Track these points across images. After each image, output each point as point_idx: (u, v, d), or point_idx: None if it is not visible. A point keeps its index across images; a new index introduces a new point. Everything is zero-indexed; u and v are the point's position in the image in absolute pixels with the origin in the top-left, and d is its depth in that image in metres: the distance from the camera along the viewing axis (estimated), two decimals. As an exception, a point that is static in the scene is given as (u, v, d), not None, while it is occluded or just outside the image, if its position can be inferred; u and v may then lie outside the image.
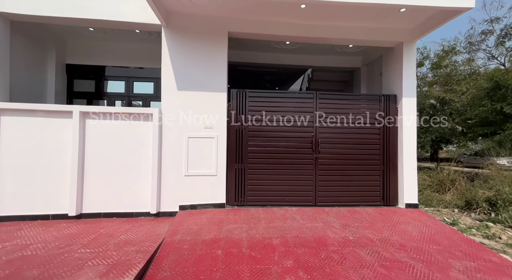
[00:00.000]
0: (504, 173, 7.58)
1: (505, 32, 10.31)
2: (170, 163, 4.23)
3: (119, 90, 5.67)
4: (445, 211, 5.83)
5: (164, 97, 4.26)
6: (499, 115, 10.39)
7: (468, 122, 11.79)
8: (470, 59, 12.19)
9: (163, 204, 4.19)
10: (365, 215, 4.22)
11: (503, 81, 9.51)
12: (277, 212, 4.28)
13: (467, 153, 10.56)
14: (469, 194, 6.29)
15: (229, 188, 4.53)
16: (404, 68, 4.62)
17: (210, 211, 4.25)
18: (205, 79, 4.37)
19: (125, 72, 5.57)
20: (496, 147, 9.54)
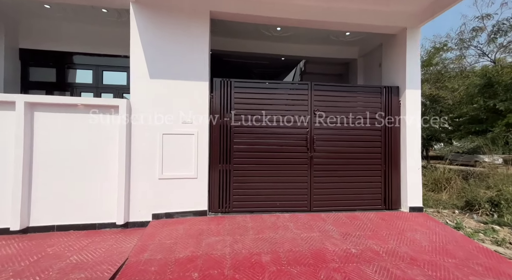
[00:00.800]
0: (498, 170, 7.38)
1: (497, 28, 10.18)
2: (141, 164, 3.58)
3: (86, 81, 4.94)
4: (445, 213, 5.46)
5: (133, 87, 3.59)
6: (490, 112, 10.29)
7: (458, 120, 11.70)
8: (462, 56, 12.08)
9: (133, 213, 3.54)
10: (366, 221, 3.74)
11: (496, 77, 9.37)
12: (267, 220, 3.72)
13: (460, 150, 10.40)
14: (469, 193, 5.98)
15: (212, 192, 3.93)
16: (408, 57, 4.16)
17: (189, 219, 3.64)
18: (183, 66, 3.73)
19: (93, 60, 4.84)
20: (490, 144, 9.41)
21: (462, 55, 12.20)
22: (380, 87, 4.32)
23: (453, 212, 5.56)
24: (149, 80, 3.63)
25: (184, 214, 3.69)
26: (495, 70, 9.54)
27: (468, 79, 11.64)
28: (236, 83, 4.02)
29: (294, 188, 4.10)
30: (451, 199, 6.63)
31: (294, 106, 4.16)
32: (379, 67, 5.16)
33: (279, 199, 4.06)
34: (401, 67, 4.30)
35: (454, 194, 6.95)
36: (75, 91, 4.82)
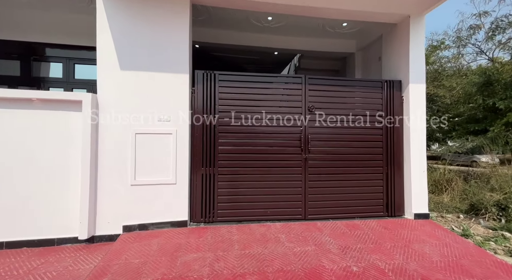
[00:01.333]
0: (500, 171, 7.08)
1: (495, 25, 9.94)
2: (110, 169, 3.10)
3: (55, 75, 4.43)
4: (449, 217, 5.09)
5: (100, 80, 3.12)
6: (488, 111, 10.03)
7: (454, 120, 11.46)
8: (459, 55, 11.84)
9: (100, 225, 3.06)
10: (368, 231, 3.32)
11: (496, 75, 9.11)
12: (256, 231, 3.27)
13: (458, 150, 10.12)
14: (474, 196, 5.63)
15: (193, 199, 3.46)
16: (411, 48, 3.77)
17: (166, 232, 3.17)
18: (160, 56, 3.27)
19: (64, 52, 4.34)
20: (489, 144, 9.14)
21: (460, 53, 11.98)
22: (381, 81, 3.92)
23: (458, 216, 5.19)
24: (120, 71, 3.15)
25: (160, 225, 3.22)
26: (495, 68, 9.28)
27: (466, 78, 11.39)
28: (221, 76, 3.57)
29: (287, 193, 3.66)
30: (453, 201, 6.29)
31: (286, 103, 3.73)
32: (379, 61, 4.78)
33: (270, 206, 3.62)
34: (403, 59, 3.91)
35: (455, 196, 6.61)
36: (43, 86, 4.31)
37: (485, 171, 8.30)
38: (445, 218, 5.02)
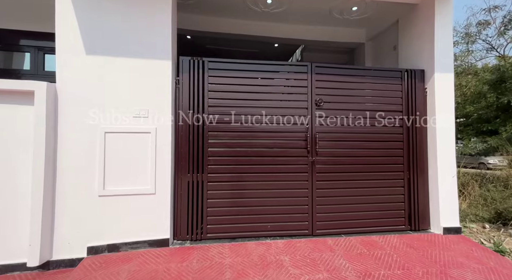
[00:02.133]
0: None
1: (508, 19, 9.39)
2: (72, 176, 2.50)
3: (22, 66, 3.85)
4: (474, 227, 4.46)
5: (60, 66, 2.53)
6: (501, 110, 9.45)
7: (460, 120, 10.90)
8: (468, 51, 11.29)
9: (58, 247, 2.45)
10: (389, 251, 2.71)
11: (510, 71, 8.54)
12: (253, 251, 2.67)
13: (471, 152, 9.55)
14: (499, 203, 5.04)
15: (177, 212, 2.86)
16: (437, 30, 3.18)
17: (141, 254, 2.55)
18: (136, 39, 2.69)
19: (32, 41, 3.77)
20: (505, 144, 8.55)
21: (468, 50, 11.43)
22: (400, 70, 3.34)
23: (483, 226, 4.57)
24: (85, 57, 2.57)
25: (135, 246, 2.61)
26: (510, 64, 8.71)
27: (476, 76, 10.83)
28: (212, 64, 2.98)
29: (291, 204, 3.06)
30: (472, 208, 5.66)
31: (289, 95, 3.14)
32: (394, 50, 4.20)
33: (271, 219, 3.02)
34: (427, 45, 3.32)
35: (473, 202, 5.99)
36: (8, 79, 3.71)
37: (501, 173, 7.69)
38: (469, 229, 4.40)
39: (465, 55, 11.73)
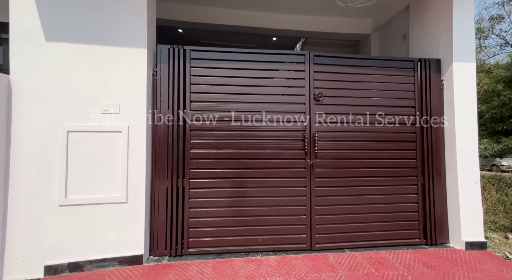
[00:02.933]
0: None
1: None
2: (28, 182, 2.15)
3: None
4: (495, 238, 3.97)
5: (15, 54, 2.18)
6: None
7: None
8: (480, 47, 10.71)
9: (10, 266, 2.09)
10: (403, 271, 2.27)
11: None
12: (240, 270, 2.26)
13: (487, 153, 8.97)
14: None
15: (154, 224, 2.48)
16: (456, 14, 2.75)
17: (108, 274, 2.17)
18: (105, 22, 2.33)
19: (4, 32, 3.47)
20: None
21: (481, 45, 10.85)
22: (412, 60, 2.91)
23: (506, 236, 4.08)
24: (45, 44, 2.21)
25: (102, 264, 2.23)
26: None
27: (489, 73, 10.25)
28: (195, 54, 2.61)
29: (286, 213, 2.65)
30: (491, 214, 5.15)
31: (285, 89, 2.75)
32: (403, 40, 3.77)
33: (263, 231, 2.61)
34: (443, 32, 2.89)
35: (490, 208, 5.48)
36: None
37: (520, 176, 7.12)
38: (490, 239, 3.92)
39: (477, 52, 11.15)
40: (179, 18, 4.09)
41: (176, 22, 4.17)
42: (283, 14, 4.30)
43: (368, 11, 4.18)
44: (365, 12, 4.21)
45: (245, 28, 4.42)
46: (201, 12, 4.13)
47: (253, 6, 4.06)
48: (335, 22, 4.39)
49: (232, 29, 4.45)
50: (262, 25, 4.35)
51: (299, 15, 4.31)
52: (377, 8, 4.01)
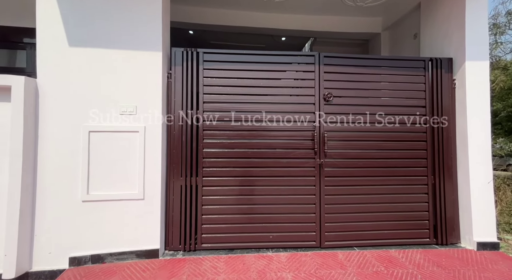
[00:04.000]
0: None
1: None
2: (54, 179, 2.30)
3: (18, 64, 3.75)
4: (509, 239, 3.90)
5: (41, 60, 2.33)
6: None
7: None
8: (496, 43, 10.36)
9: (38, 257, 2.24)
10: (412, 270, 2.30)
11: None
12: (251, 266, 2.35)
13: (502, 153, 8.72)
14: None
15: (169, 220, 2.59)
16: (469, 11, 2.72)
17: (127, 266, 2.30)
18: (122, 27, 2.45)
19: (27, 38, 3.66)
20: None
21: (497, 42, 10.50)
22: (424, 60, 2.90)
23: (521, 238, 4.00)
24: (68, 49, 2.36)
25: (122, 257, 2.37)
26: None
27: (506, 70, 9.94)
28: (207, 56, 2.70)
29: (296, 211, 2.71)
30: (505, 215, 5.04)
31: (295, 90, 2.80)
32: (414, 39, 3.74)
33: (273, 228, 2.68)
34: (456, 30, 2.86)
35: (505, 209, 5.35)
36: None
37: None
38: (504, 241, 3.85)
39: (493, 48, 10.80)
40: (190, 20, 4.19)
41: (187, 24, 4.28)
42: (293, 14, 4.33)
43: (378, 10, 4.16)
44: (375, 11, 4.19)
45: (254, 29, 4.48)
46: (211, 14, 4.22)
47: (262, 7, 4.12)
48: (345, 22, 4.39)
49: (242, 30, 4.53)
50: (271, 25, 4.40)
51: (308, 15, 4.34)
52: (387, 7, 3.99)
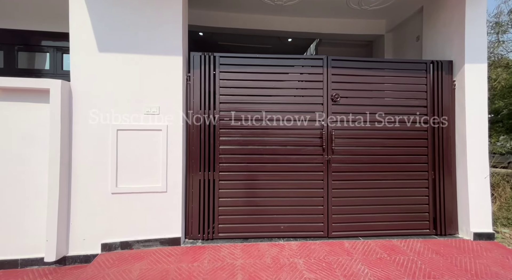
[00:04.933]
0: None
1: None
2: (86, 173, 2.53)
3: (40, 66, 3.98)
4: (507, 233, 4.10)
5: (75, 64, 2.55)
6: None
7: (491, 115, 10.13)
8: (498, 42, 10.43)
9: (74, 243, 2.49)
10: (413, 257, 2.51)
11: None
12: (265, 253, 2.57)
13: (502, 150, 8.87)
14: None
15: (188, 211, 2.83)
16: (468, 16, 2.90)
17: (153, 252, 2.54)
18: (146, 33, 2.66)
19: (51, 41, 3.88)
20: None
21: (499, 40, 10.58)
22: (425, 62, 3.08)
23: (518, 232, 4.20)
24: (98, 54, 2.57)
25: (147, 244, 2.60)
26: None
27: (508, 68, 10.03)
28: (223, 60, 2.90)
29: (305, 204, 2.93)
30: (504, 211, 5.23)
31: (304, 91, 3.00)
32: (417, 41, 3.91)
33: (284, 220, 2.91)
34: (456, 34, 3.04)
35: (504, 205, 5.54)
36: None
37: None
38: (501, 234, 4.05)
39: (495, 46, 10.88)
40: (203, 24, 4.39)
41: (199, 27, 4.48)
42: (299, 17, 4.51)
43: (382, 13, 4.33)
44: (379, 14, 4.37)
45: (263, 31, 4.66)
46: (221, 17, 4.41)
47: (271, 10, 4.30)
48: (350, 24, 4.56)
49: (251, 32, 4.72)
50: (279, 28, 4.58)
51: (315, 17, 4.52)
52: (391, 10, 4.16)
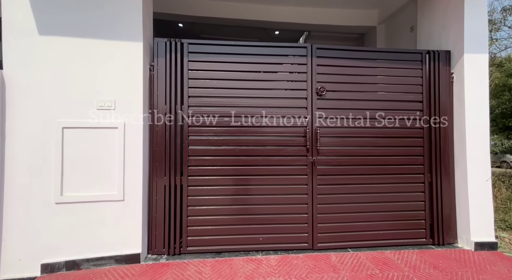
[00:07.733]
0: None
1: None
2: (23, 180, 2.11)
3: None
4: (505, 237, 3.84)
5: (8, 49, 2.13)
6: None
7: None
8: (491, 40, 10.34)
9: (7, 264, 2.07)
10: (408, 272, 2.19)
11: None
12: (239, 270, 2.21)
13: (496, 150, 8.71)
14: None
15: (152, 222, 2.43)
16: (467, 3, 2.60)
17: (105, 272, 2.14)
18: (99, 14, 2.26)
19: None
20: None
21: (492, 38, 10.49)
22: (420, 52, 2.77)
23: (516, 236, 3.94)
24: (38, 37, 2.16)
25: (99, 262, 2.20)
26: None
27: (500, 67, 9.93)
28: (193, 47, 2.52)
29: (287, 212, 2.58)
30: (500, 213, 5.00)
31: (286, 84, 2.65)
32: (411, 32, 3.61)
33: (263, 230, 2.55)
34: (453, 22, 2.74)
35: (500, 206, 5.32)
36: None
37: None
38: (500, 239, 3.79)
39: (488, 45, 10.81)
40: (179, 12, 4.01)
41: (176, 16, 4.10)
42: (286, 6, 4.17)
43: (374, 2, 4.02)
44: (371, 3, 4.06)
45: (246, 21, 4.31)
46: (201, 5, 4.03)
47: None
48: (340, 14, 4.24)
49: (233, 22, 4.35)
50: (264, 18, 4.23)
51: (301, 7, 4.18)
52: None
